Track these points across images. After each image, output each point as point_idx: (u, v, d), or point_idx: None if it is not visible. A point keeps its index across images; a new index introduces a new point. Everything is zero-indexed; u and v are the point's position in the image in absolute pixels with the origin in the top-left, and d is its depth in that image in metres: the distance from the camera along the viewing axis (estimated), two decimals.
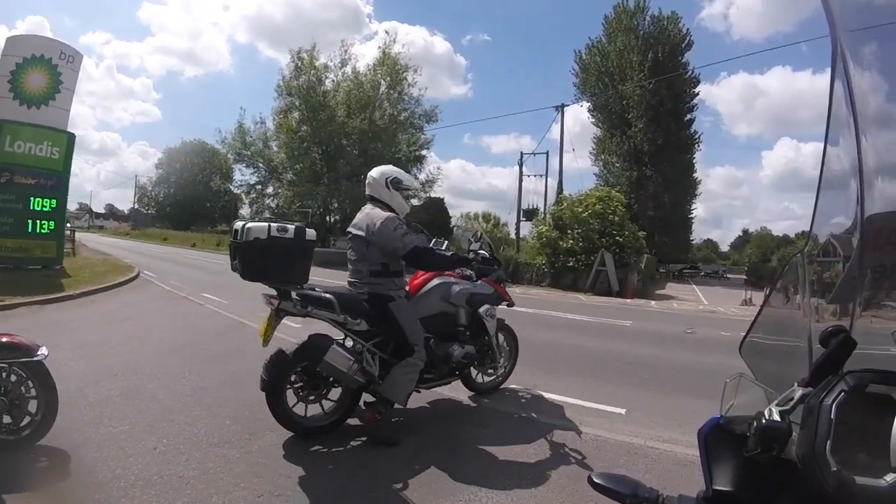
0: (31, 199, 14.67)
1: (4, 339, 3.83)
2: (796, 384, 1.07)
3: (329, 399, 4.60)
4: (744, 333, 1.48)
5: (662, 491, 1.10)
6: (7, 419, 3.81)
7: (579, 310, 16.80)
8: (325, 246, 38.48)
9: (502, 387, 6.04)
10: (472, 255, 5.51)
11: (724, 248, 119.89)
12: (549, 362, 8.28)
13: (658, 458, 4.48)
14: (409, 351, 4.57)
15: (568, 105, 37.04)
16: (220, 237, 50.89)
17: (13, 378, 3.85)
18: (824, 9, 1.13)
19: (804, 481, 0.94)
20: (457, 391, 6.00)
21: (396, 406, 4.64)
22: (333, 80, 41.78)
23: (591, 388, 6.64)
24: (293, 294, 4.32)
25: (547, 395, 6.19)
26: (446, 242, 5.51)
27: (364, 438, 4.51)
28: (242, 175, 49.01)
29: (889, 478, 0.86)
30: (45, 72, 15.02)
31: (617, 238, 25.95)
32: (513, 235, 40.95)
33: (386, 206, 4.72)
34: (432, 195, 41.71)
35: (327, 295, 4.45)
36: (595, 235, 25.93)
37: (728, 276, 65.77)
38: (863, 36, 1.19)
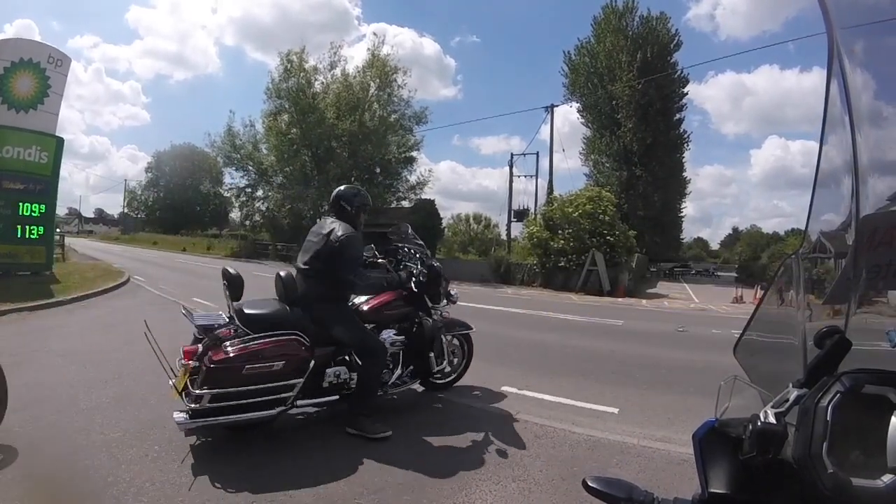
0: (20, 204, 14.55)
1: (453, 319, 6.02)
2: (791, 385, 1.07)
3: None
4: (738, 334, 1.48)
5: (657, 494, 1.09)
6: (448, 368, 5.88)
7: (570, 310, 16.82)
8: None
9: (495, 388, 6.03)
10: None
11: (715, 246, 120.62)
12: (540, 362, 8.29)
13: (651, 457, 4.48)
14: None
15: (557, 106, 37.16)
16: (210, 241, 50.75)
17: (455, 342, 5.99)
18: (820, 6, 1.13)
19: (800, 483, 0.94)
20: (450, 393, 5.99)
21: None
22: (323, 83, 41.76)
23: (584, 387, 6.65)
24: None
25: (539, 395, 6.20)
26: None
27: (354, 444, 4.49)
28: (232, 178, 48.77)
29: (886, 479, 0.85)
30: (33, 76, 14.92)
31: (607, 238, 26.04)
32: (504, 236, 41.05)
33: None
34: (423, 197, 41.63)
35: None
36: (586, 235, 26.00)
37: (718, 274, 66.18)
38: (859, 33, 1.19)
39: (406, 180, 44.10)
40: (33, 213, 14.79)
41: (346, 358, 4.83)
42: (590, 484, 1.11)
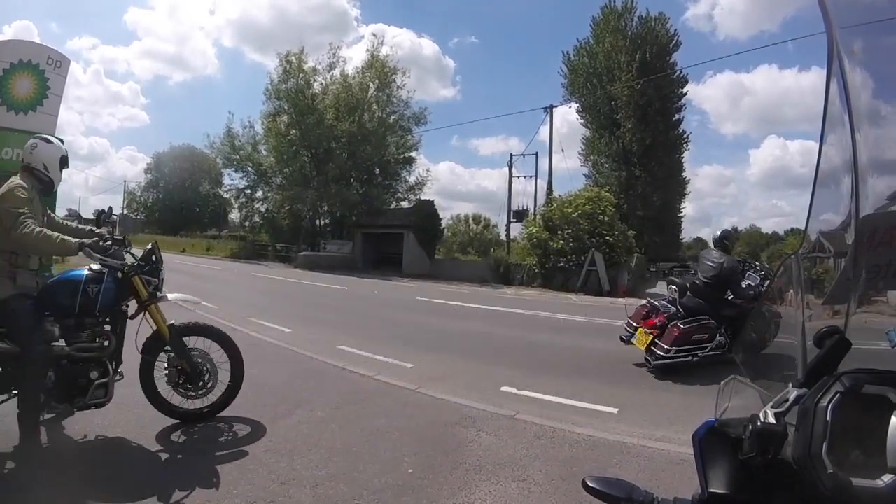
0: None
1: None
2: (791, 385, 1.07)
3: None
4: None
5: (657, 494, 1.09)
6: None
7: (570, 310, 16.81)
8: (316, 250, 38.45)
9: (495, 388, 6.03)
10: None
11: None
12: (540, 363, 8.30)
13: (651, 457, 4.48)
14: None
15: (556, 106, 37.02)
16: (209, 242, 50.67)
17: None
18: (819, 6, 1.13)
19: (800, 483, 0.94)
20: (450, 394, 6.00)
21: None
22: (322, 84, 41.66)
23: (583, 387, 6.65)
24: None
25: (539, 395, 6.21)
26: None
27: (353, 444, 4.49)
28: (231, 179, 48.62)
29: (886, 478, 0.85)
30: (32, 77, 14.81)
31: (607, 238, 26.01)
32: (503, 237, 40.99)
33: None
34: (422, 197, 41.61)
35: None
36: (585, 235, 25.95)
37: None
38: (858, 32, 1.19)
39: (405, 181, 44.15)
40: None
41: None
42: (589, 484, 1.11)
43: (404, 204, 42.37)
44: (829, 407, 0.94)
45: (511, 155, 38.08)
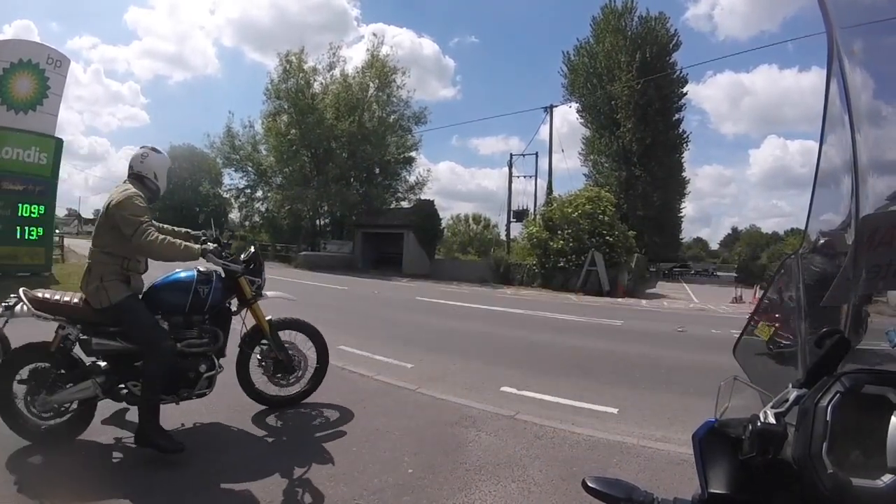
0: (20, 205, 14.46)
1: None
2: (791, 385, 1.07)
3: None
4: (738, 334, 1.48)
5: (657, 494, 1.09)
6: None
7: (570, 310, 16.83)
8: (316, 249, 38.44)
9: (495, 388, 6.03)
10: None
11: (714, 246, 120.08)
12: (540, 363, 8.29)
13: (651, 457, 4.47)
14: None
15: (557, 106, 37.05)
16: None
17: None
18: (820, 6, 1.13)
19: (800, 483, 0.94)
20: (449, 394, 5.99)
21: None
22: (322, 83, 41.69)
23: (583, 388, 6.64)
24: None
25: (539, 395, 6.20)
26: None
27: (353, 444, 4.49)
28: (231, 179, 48.71)
29: (886, 479, 0.85)
30: (32, 77, 14.86)
31: (607, 238, 26.05)
32: (503, 236, 41.01)
33: None
34: (422, 197, 41.64)
35: None
36: (585, 235, 26.01)
37: (718, 274, 66.20)
38: (858, 32, 1.19)
39: (405, 181, 44.25)
40: (33, 215, 14.72)
41: None
42: (589, 484, 1.11)
43: (404, 204, 42.43)
44: (829, 407, 0.94)
45: (511, 155, 38.24)
